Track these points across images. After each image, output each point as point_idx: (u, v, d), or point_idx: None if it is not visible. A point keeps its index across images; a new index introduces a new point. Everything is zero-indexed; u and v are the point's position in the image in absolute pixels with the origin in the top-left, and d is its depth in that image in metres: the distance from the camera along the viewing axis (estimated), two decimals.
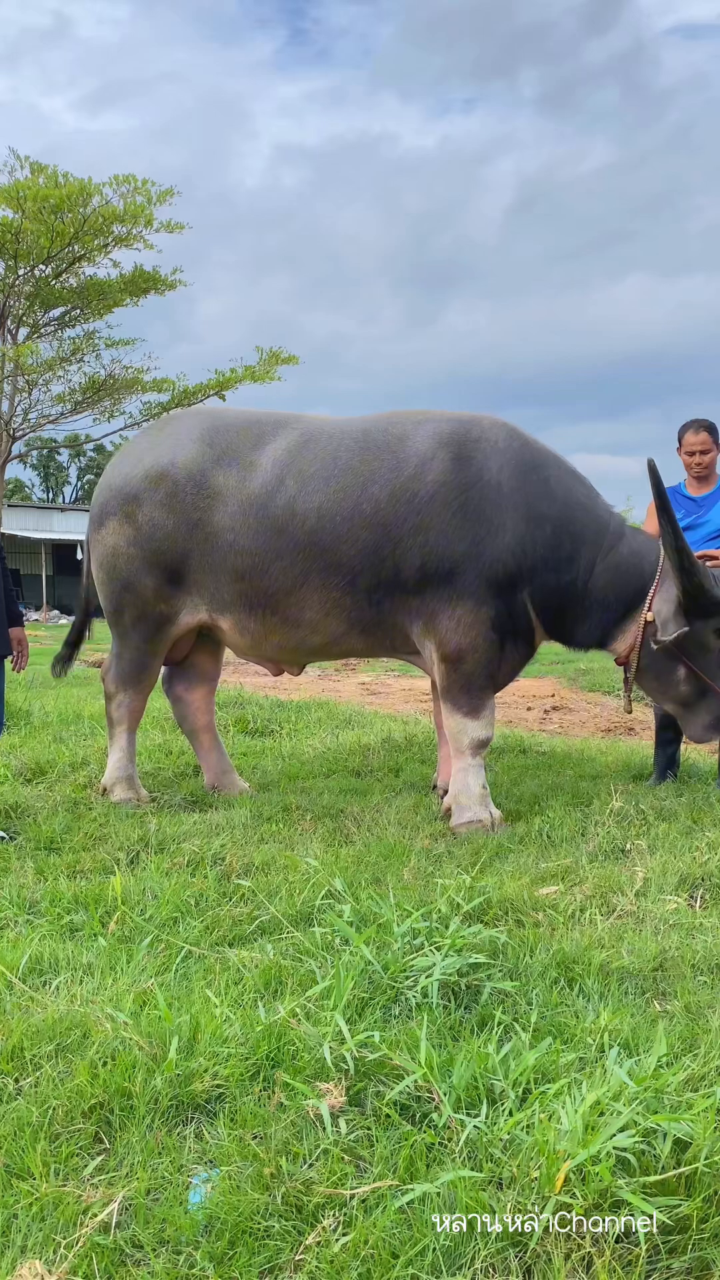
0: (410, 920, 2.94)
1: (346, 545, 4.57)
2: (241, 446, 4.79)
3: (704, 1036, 2.41)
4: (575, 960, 2.90)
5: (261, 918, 3.29)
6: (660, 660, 4.69)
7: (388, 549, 4.56)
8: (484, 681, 4.66)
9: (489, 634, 4.59)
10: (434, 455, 4.60)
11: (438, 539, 4.52)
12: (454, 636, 4.56)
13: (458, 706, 4.66)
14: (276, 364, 14.71)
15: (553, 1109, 2.05)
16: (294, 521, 4.59)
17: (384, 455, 4.64)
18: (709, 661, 4.64)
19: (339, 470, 4.63)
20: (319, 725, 7.74)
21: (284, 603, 4.70)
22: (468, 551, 4.51)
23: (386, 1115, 2.15)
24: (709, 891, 3.61)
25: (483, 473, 4.58)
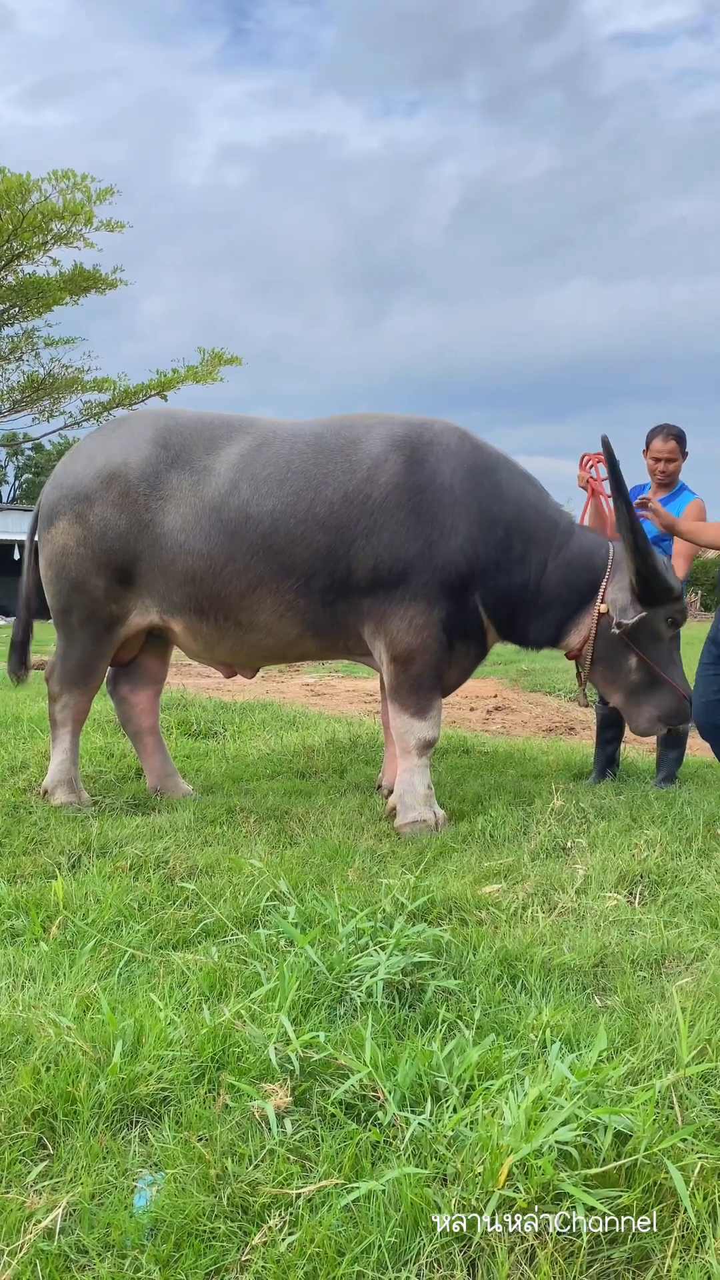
0: (355, 920, 2.95)
1: (300, 548, 4.58)
2: (195, 448, 4.78)
3: (643, 1031, 2.46)
4: (518, 957, 2.94)
5: (206, 920, 3.28)
6: (613, 652, 4.77)
7: (341, 551, 4.58)
8: (432, 683, 4.69)
9: (439, 635, 4.63)
10: (387, 458, 4.63)
11: (390, 540, 4.55)
12: (405, 637, 4.59)
13: (405, 707, 4.69)
14: (219, 365, 14.64)
15: (496, 1105, 2.07)
16: (248, 525, 4.59)
17: (337, 458, 4.66)
18: (661, 652, 4.74)
19: (293, 474, 4.63)
20: (263, 727, 7.72)
21: (237, 606, 4.69)
22: (420, 553, 4.55)
23: (332, 1115, 2.16)
24: (647, 888, 3.67)
25: (435, 475, 4.62)
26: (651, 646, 4.72)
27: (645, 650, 4.70)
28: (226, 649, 4.91)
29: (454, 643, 4.76)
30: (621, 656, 4.77)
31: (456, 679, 5.01)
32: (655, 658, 4.72)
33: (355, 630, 4.77)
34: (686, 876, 3.75)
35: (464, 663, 4.93)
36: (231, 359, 14.83)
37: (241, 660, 5.05)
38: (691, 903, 3.50)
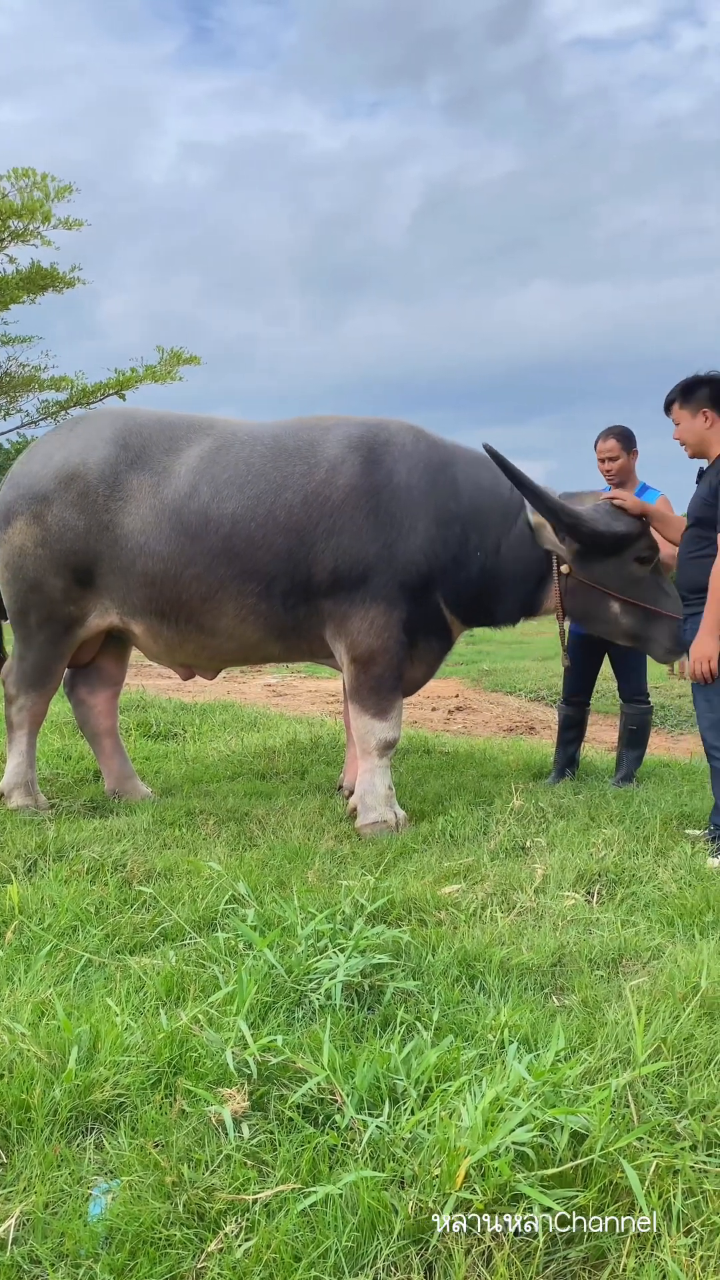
0: (314, 922, 2.94)
1: (261, 551, 4.57)
2: (155, 449, 4.75)
3: (600, 1030, 2.47)
4: (476, 957, 2.94)
5: (164, 924, 3.26)
6: (594, 605, 4.80)
7: (301, 554, 4.57)
8: (393, 684, 4.69)
9: (400, 636, 4.63)
10: (344, 460, 4.63)
11: (350, 542, 4.55)
12: (365, 639, 4.59)
13: (366, 708, 4.69)
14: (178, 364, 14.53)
15: (453, 1106, 2.07)
16: (208, 528, 4.57)
17: (296, 461, 4.65)
18: (642, 588, 4.74)
19: (252, 476, 4.62)
20: (223, 728, 7.69)
21: (199, 610, 4.67)
22: (380, 554, 4.55)
23: (289, 1118, 2.15)
24: (605, 886, 3.69)
25: (393, 475, 4.62)
26: (630, 588, 4.72)
27: (625, 593, 4.71)
28: (188, 652, 4.88)
29: (416, 641, 4.77)
30: (604, 606, 4.78)
31: (422, 676, 5.01)
32: (638, 596, 4.72)
33: (317, 633, 4.76)
34: (644, 875, 3.77)
35: (428, 659, 4.95)
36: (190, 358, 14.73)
37: (203, 663, 5.03)
38: (648, 901, 3.52)
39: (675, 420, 4.41)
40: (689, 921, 3.30)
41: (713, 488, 4.21)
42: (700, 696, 4.27)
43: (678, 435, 4.42)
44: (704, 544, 4.25)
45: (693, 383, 4.33)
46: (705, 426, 4.31)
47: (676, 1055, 2.34)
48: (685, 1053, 2.35)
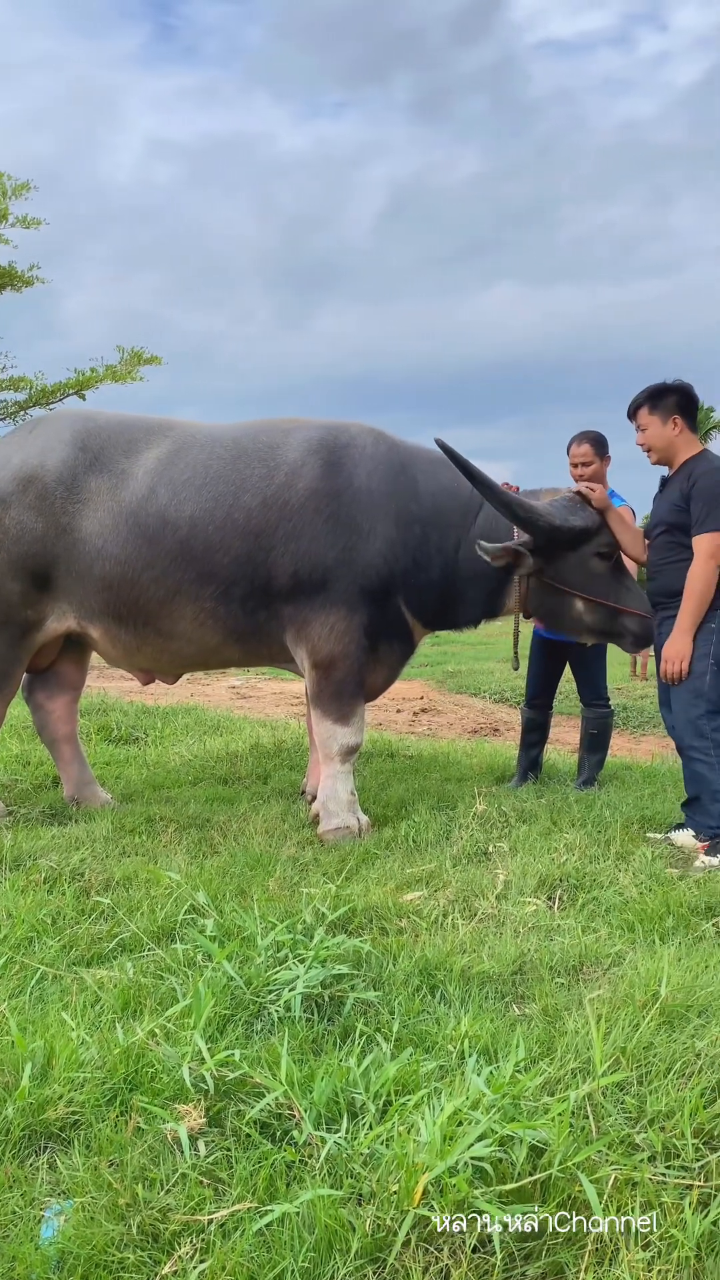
0: (275, 933, 2.91)
1: (220, 555, 4.53)
2: (114, 451, 4.70)
3: (560, 1039, 2.46)
4: (437, 966, 2.93)
5: (122, 935, 3.21)
6: (556, 603, 4.78)
7: (260, 558, 4.54)
8: (354, 689, 4.67)
9: (361, 641, 4.61)
10: (304, 463, 4.60)
11: (310, 546, 4.52)
12: (326, 644, 4.57)
13: (328, 713, 4.66)
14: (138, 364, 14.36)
15: (412, 1120, 2.05)
16: (166, 530, 4.53)
17: (255, 464, 4.62)
18: (603, 584, 4.72)
19: (211, 479, 4.58)
20: (186, 732, 7.63)
21: (157, 613, 4.62)
22: (339, 558, 4.53)
23: (247, 1135, 2.12)
24: (566, 892, 3.69)
25: (352, 479, 4.60)
26: (591, 584, 4.71)
27: (585, 590, 4.69)
28: (147, 656, 4.83)
29: (378, 645, 4.75)
30: (565, 603, 4.76)
31: (384, 680, 4.99)
32: (598, 592, 4.70)
33: (277, 637, 4.73)
34: (605, 880, 3.78)
35: (390, 663, 4.92)
36: (151, 358, 14.57)
37: (163, 667, 4.99)
38: (609, 906, 3.52)
39: (640, 425, 4.41)
40: (649, 927, 3.30)
41: (684, 494, 4.22)
42: (676, 698, 4.28)
43: (643, 440, 4.42)
44: (677, 550, 4.27)
45: (661, 389, 4.35)
46: (674, 434, 4.33)
47: (636, 1065, 2.33)
48: (645, 1062, 2.34)
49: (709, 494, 4.16)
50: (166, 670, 5.06)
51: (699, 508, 4.17)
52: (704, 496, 4.16)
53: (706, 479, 4.19)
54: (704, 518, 4.16)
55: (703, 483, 4.18)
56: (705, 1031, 2.47)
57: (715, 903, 3.50)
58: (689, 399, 4.37)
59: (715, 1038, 2.42)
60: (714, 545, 4.13)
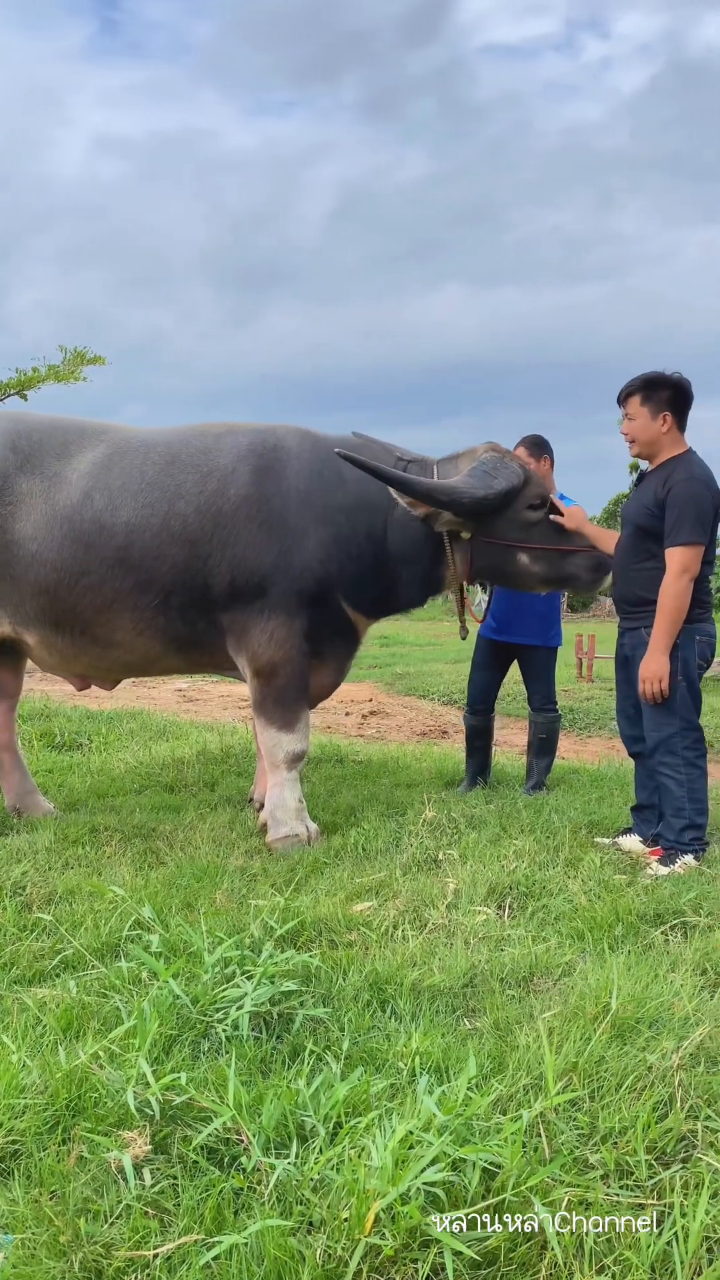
0: (222, 948, 2.86)
1: (156, 562, 4.46)
2: (47, 454, 4.59)
3: (512, 1054, 2.44)
4: (388, 980, 2.89)
5: (65, 952, 3.13)
6: (501, 560, 4.72)
7: (198, 566, 4.47)
8: (297, 694, 4.62)
9: (301, 646, 4.56)
10: (235, 469, 4.55)
11: (245, 553, 4.46)
12: (266, 651, 4.51)
13: (271, 721, 4.60)
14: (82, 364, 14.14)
15: (363, 1144, 2.02)
16: (102, 536, 4.44)
17: (189, 470, 4.55)
18: (542, 531, 4.66)
19: (146, 485, 4.50)
20: (131, 737, 7.52)
21: (94, 621, 4.53)
22: (275, 564, 4.48)
23: (194, 1161, 2.07)
24: (516, 900, 3.68)
25: (282, 482, 4.55)
26: (530, 534, 4.65)
27: (526, 541, 4.64)
28: (85, 664, 4.75)
29: (322, 646, 4.70)
30: (510, 559, 4.70)
31: (331, 681, 4.94)
32: (541, 539, 4.66)
33: (219, 645, 4.67)
34: (554, 887, 3.77)
35: (336, 662, 4.87)
36: (95, 358, 14.36)
37: (100, 675, 4.91)
38: (559, 914, 3.51)
39: (629, 414, 4.24)
40: (599, 935, 3.29)
41: (658, 499, 4.08)
42: (647, 716, 4.21)
43: (628, 430, 4.26)
44: (646, 555, 4.17)
45: (656, 379, 4.17)
46: (662, 429, 4.18)
47: (587, 1080, 2.31)
48: (597, 1077, 2.32)
49: (684, 504, 4.02)
50: (105, 678, 4.97)
51: (673, 516, 4.03)
52: (678, 505, 4.03)
53: (683, 486, 4.04)
54: (677, 529, 4.02)
55: (678, 490, 4.04)
56: (656, 1044, 2.46)
57: (664, 910, 3.51)
58: (683, 395, 4.20)
59: (665, 1050, 2.41)
60: (686, 559, 4.01)
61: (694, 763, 4.15)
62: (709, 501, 4.06)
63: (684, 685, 4.12)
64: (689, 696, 4.14)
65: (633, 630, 4.29)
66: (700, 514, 4.02)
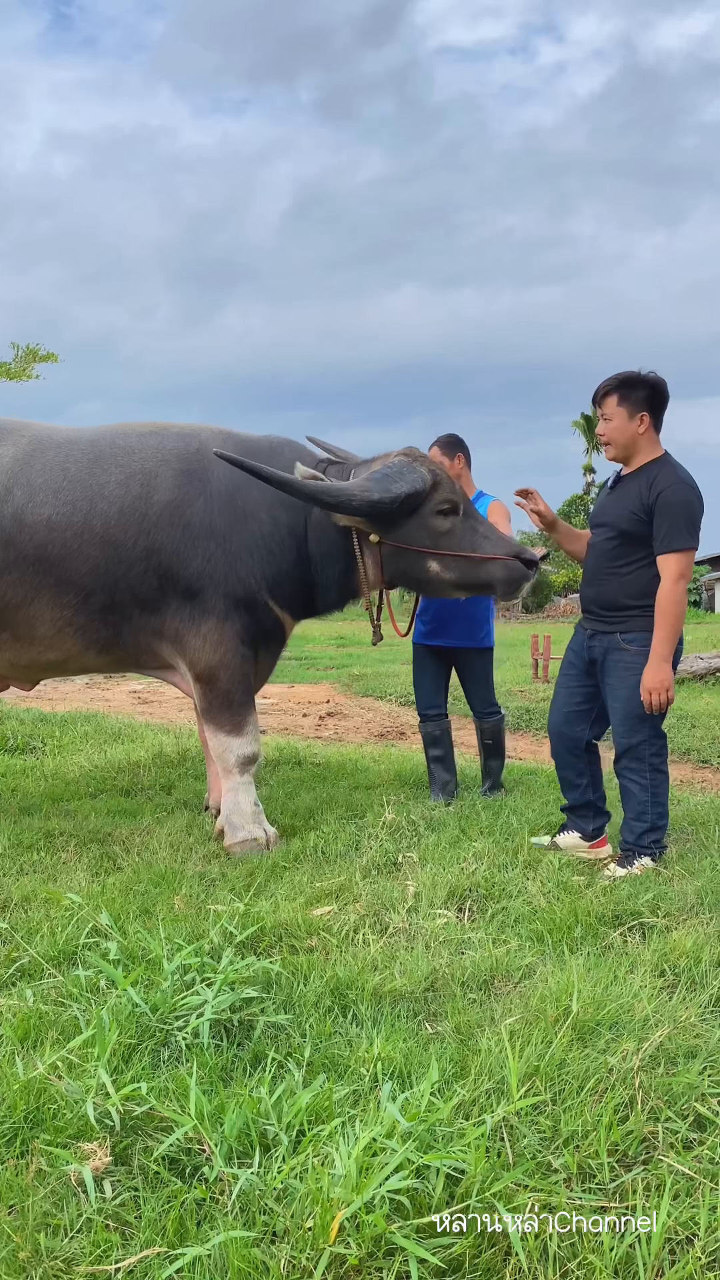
0: (181, 955, 2.83)
1: (77, 562, 4.40)
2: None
3: (474, 1059, 2.44)
4: (349, 985, 2.88)
5: (21, 960, 3.08)
6: (413, 567, 4.58)
7: (120, 570, 4.42)
8: (243, 696, 4.58)
9: (241, 648, 4.52)
10: (158, 472, 4.50)
11: (171, 559, 4.42)
12: (204, 655, 4.48)
13: (220, 725, 4.57)
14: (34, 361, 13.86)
15: (326, 1152, 2.00)
16: (22, 533, 4.38)
17: (112, 470, 4.50)
18: (456, 537, 4.51)
19: (68, 483, 4.45)
20: (86, 740, 7.45)
21: (14, 619, 4.47)
22: (203, 568, 4.43)
23: (155, 1173, 2.04)
24: (476, 902, 3.69)
25: (205, 485, 4.50)
26: (440, 541, 4.50)
27: (441, 546, 4.49)
28: (3, 661, 4.68)
29: (256, 647, 4.67)
30: (421, 565, 4.56)
31: (260, 681, 4.89)
32: (452, 545, 4.50)
33: (150, 648, 4.63)
34: (513, 889, 3.79)
35: (267, 662, 4.85)
36: (48, 355, 14.09)
37: (19, 674, 4.84)
38: (519, 916, 3.53)
39: (605, 415, 4.16)
40: (559, 937, 3.31)
41: (645, 504, 4.02)
42: (618, 722, 4.17)
43: (604, 431, 4.18)
44: (628, 560, 4.11)
45: (633, 379, 4.09)
46: (639, 430, 4.10)
47: (549, 1083, 2.32)
48: (558, 1080, 2.33)
49: (676, 509, 3.97)
50: (23, 678, 4.91)
51: (664, 523, 3.97)
52: (670, 511, 3.97)
53: (673, 492, 3.98)
54: (671, 535, 3.96)
55: (669, 495, 3.97)
56: (616, 1046, 2.48)
57: (622, 911, 3.53)
58: (660, 395, 4.12)
59: (626, 1052, 2.42)
60: (683, 565, 3.97)
61: (658, 768, 4.18)
62: (699, 506, 4.05)
63: None
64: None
65: (605, 634, 4.21)
66: (692, 519, 4.01)
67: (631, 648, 4.12)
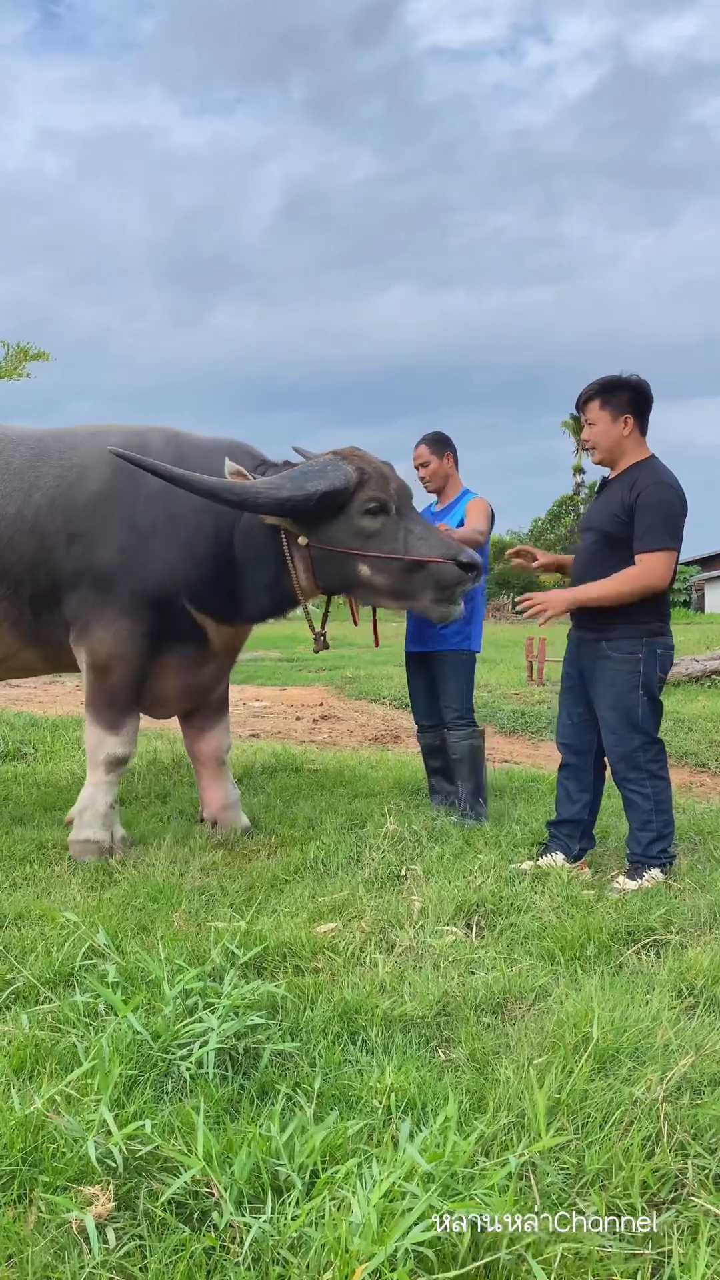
0: (183, 980, 2.71)
1: (8, 553, 4.40)
2: None
3: (491, 1090, 2.33)
4: (357, 1010, 2.77)
5: (15, 983, 2.97)
6: (343, 570, 4.30)
7: (43, 558, 4.41)
8: (128, 697, 4.49)
9: (140, 647, 4.42)
10: (94, 465, 4.47)
11: (88, 549, 4.38)
12: (103, 647, 4.40)
13: (98, 719, 4.48)
14: (25, 360, 13.68)
15: (342, 1196, 1.90)
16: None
17: (52, 463, 4.49)
18: (381, 540, 4.22)
19: (9, 475, 4.47)
20: (77, 745, 7.32)
21: None
22: (118, 561, 4.36)
23: (161, 1220, 1.93)
24: (484, 918, 3.59)
25: (137, 482, 4.39)
26: (368, 542, 4.21)
27: (365, 549, 4.23)
28: None
29: (168, 649, 4.53)
30: (350, 569, 4.28)
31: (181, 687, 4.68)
32: (380, 546, 4.20)
33: (69, 642, 4.56)
34: (521, 904, 3.69)
35: (187, 667, 4.63)
36: (39, 354, 13.93)
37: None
38: (528, 933, 3.43)
39: (589, 420, 4.11)
40: (571, 955, 3.22)
41: (626, 504, 3.98)
42: (610, 730, 4.10)
43: (589, 436, 4.13)
44: (613, 564, 4.02)
45: (614, 383, 4.06)
46: (624, 433, 4.07)
47: (571, 1116, 2.22)
48: (581, 1113, 2.23)
49: (654, 509, 3.93)
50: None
51: (643, 523, 3.94)
52: (648, 511, 3.94)
53: (652, 492, 3.95)
54: (648, 535, 3.94)
55: (648, 495, 3.94)
56: (638, 1075, 2.38)
57: (634, 927, 3.44)
58: (643, 397, 4.09)
59: (650, 1082, 2.32)
60: (656, 565, 3.93)
61: (657, 774, 4.09)
62: (679, 507, 3.99)
63: (645, 700, 4.03)
64: (650, 712, 4.07)
65: (591, 643, 4.14)
66: (670, 519, 3.95)
67: (616, 655, 4.06)
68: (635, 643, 4.02)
